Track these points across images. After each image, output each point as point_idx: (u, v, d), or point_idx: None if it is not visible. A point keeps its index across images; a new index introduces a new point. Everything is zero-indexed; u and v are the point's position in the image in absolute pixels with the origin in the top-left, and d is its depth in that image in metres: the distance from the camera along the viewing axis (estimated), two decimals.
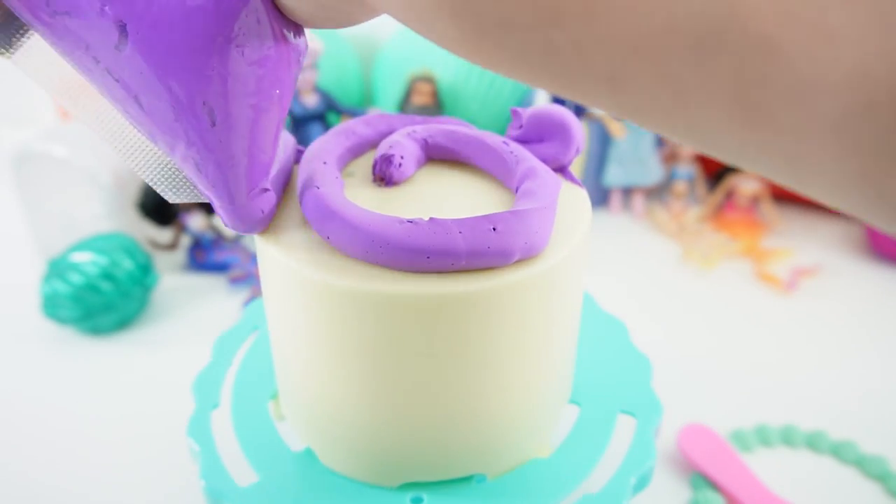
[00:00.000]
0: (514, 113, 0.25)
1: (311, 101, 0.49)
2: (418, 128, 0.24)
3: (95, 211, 0.42)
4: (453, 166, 0.25)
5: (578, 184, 0.24)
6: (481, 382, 0.21)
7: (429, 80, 0.52)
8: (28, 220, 0.45)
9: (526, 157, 0.23)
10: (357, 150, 0.25)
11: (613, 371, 0.28)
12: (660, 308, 0.43)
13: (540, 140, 0.24)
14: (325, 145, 0.24)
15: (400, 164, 0.23)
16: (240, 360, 0.29)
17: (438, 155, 0.25)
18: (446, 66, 0.54)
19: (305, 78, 0.48)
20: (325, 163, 0.23)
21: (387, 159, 0.23)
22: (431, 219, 0.20)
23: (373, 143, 0.25)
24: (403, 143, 0.24)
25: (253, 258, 0.45)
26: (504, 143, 0.23)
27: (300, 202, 0.22)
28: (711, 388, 0.36)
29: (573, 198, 0.23)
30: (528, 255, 0.20)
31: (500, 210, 0.21)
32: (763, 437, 0.32)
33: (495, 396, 0.22)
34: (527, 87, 0.57)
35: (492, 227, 0.19)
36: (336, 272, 0.20)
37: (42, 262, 0.46)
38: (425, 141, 0.24)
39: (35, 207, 0.44)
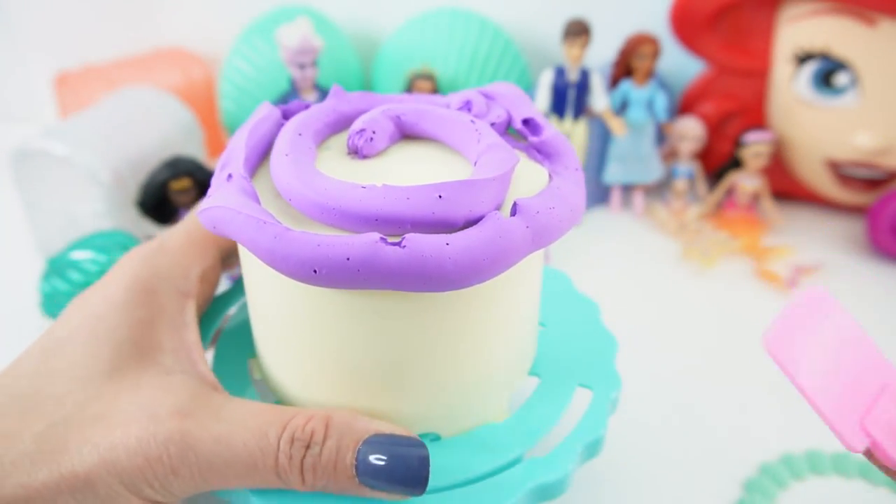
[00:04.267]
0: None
1: (311, 98, 0.49)
2: (393, 105, 0.26)
3: (95, 209, 0.42)
4: (426, 143, 0.26)
5: (542, 128, 0.25)
6: (434, 348, 0.22)
7: (429, 77, 0.52)
8: (27, 217, 0.45)
9: (488, 135, 0.24)
10: (336, 126, 0.26)
11: (579, 348, 0.28)
12: (659, 306, 0.43)
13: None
14: (306, 119, 0.25)
15: (371, 139, 0.24)
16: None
17: (412, 132, 0.26)
18: (446, 63, 0.54)
19: (305, 76, 0.48)
20: (300, 134, 0.24)
21: (358, 133, 0.24)
22: (384, 185, 0.21)
23: (352, 120, 0.26)
24: (377, 119, 0.25)
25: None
26: (471, 121, 0.24)
27: (270, 168, 0.23)
28: (711, 385, 0.36)
29: (533, 175, 0.24)
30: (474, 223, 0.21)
31: None
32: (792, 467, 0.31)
33: (448, 362, 0.23)
34: (526, 85, 0.57)
35: (437, 194, 0.20)
36: None
37: (41, 260, 0.46)
38: (399, 118, 0.25)
39: (34, 205, 0.44)
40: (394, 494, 0.21)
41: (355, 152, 0.25)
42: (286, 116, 0.27)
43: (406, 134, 0.26)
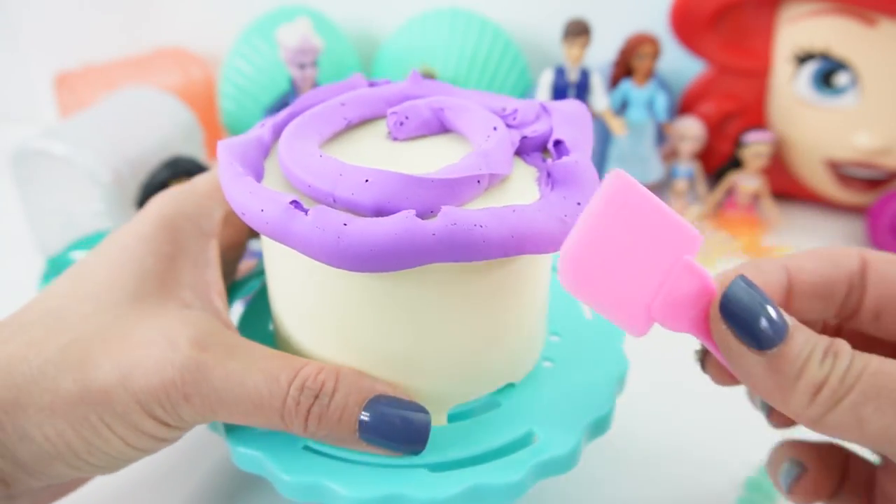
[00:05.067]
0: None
1: None
2: (443, 99, 0.26)
3: (95, 208, 0.42)
4: (458, 139, 0.26)
5: (565, 153, 0.24)
6: (432, 337, 0.23)
7: (429, 77, 0.52)
8: (27, 217, 0.45)
9: (493, 143, 0.24)
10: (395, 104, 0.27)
11: (587, 333, 0.29)
12: None
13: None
14: (365, 92, 0.27)
15: (401, 123, 0.25)
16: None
17: (451, 127, 0.26)
18: (447, 63, 0.54)
19: (305, 76, 0.48)
20: (342, 104, 0.26)
21: (392, 115, 0.25)
22: (329, 159, 0.22)
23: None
24: (416, 107, 0.26)
25: (252, 254, 0.45)
26: (494, 128, 0.24)
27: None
28: (711, 385, 0.36)
29: (524, 194, 0.24)
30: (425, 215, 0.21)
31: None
32: None
33: (455, 351, 0.24)
34: (526, 85, 0.57)
35: (364, 178, 0.21)
36: None
37: (41, 260, 0.46)
38: (442, 111, 0.26)
39: (34, 205, 0.44)
40: (391, 452, 0.22)
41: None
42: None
43: (446, 128, 0.26)
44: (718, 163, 0.54)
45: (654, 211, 0.19)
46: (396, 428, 0.22)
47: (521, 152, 0.25)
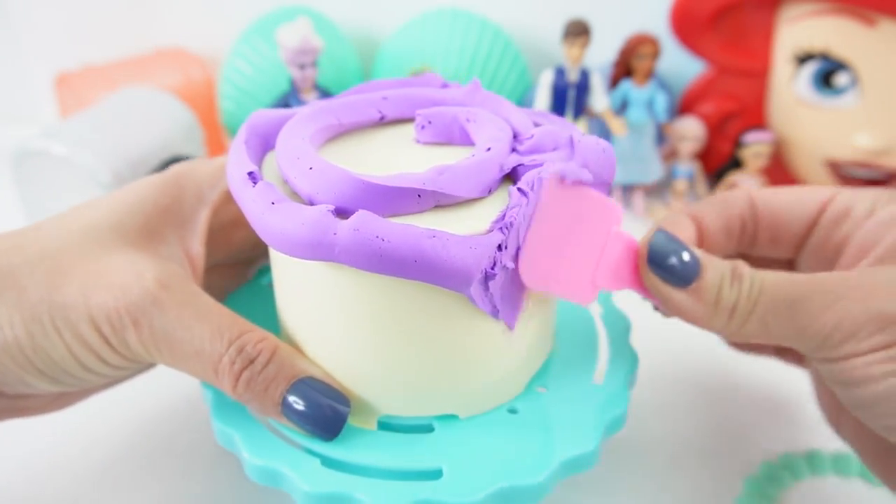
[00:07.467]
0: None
1: (310, 98, 0.49)
2: (473, 110, 0.26)
3: None
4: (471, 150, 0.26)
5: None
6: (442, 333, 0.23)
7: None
8: (27, 218, 0.45)
9: (477, 161, 0.23)
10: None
11: (595, 330, 0.29)
12: None
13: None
14: (407, 92, 0.27)
15: (423, 127, 0.25)
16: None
17: (472, 139, 0.26)
18: (447, 62, 0.54)
19: (305, 76, 0.48)
20: (385, 98, 0.26)
21: (417, 116, 0.26)
22: (301, 151, 0.23)
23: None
24: (441, 114, 0.25)
25: None
26: (488, 148, 0.24)
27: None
28: (711, 385, 0.36)
29: (472, 221, 0.22)
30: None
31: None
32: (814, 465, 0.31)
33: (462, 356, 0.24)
34: (526, 86, 0.57)
35: (309, 167, 0.22)
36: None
37: None
38: (468, 121, 0.26)
39: (34, 205, 0.44)
40: (305, 433, 0.23)
41: None
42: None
43: (472, 140, 0.25)
44: (718, 163, 0.54)
45: (581, 197, 0.22)
46: (314, 412, 0.23)
47: (516, 180, 0.24)
